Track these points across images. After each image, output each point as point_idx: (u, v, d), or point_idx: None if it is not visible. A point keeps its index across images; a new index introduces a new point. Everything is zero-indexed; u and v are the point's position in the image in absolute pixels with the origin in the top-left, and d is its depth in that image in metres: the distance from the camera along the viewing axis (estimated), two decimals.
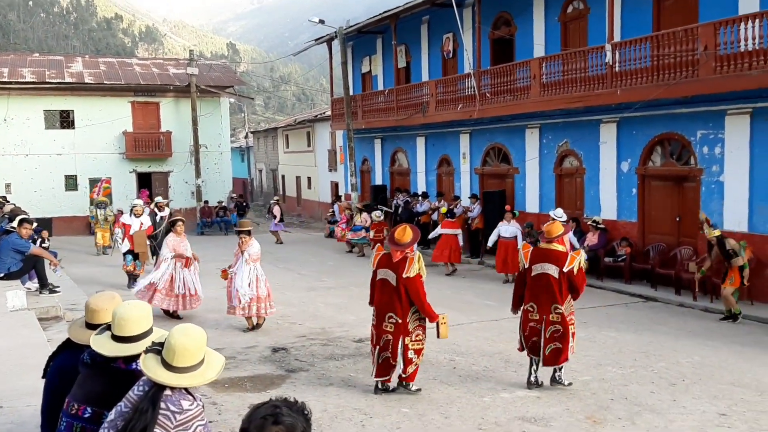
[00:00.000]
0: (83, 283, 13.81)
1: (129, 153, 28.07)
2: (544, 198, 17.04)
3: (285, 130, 37.68)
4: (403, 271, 6.78)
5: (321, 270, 16.84)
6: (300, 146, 35.17)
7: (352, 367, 8.15)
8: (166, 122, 28.91)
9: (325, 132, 30.93)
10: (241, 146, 50.38)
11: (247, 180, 48.06)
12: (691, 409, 6.66)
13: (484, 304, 12.35)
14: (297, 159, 35.50)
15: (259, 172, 45.43)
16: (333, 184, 30.48)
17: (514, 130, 17.88)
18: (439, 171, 21.47)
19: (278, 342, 9.34)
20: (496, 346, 9.12)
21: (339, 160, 29.19)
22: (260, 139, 44.46)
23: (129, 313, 3.40)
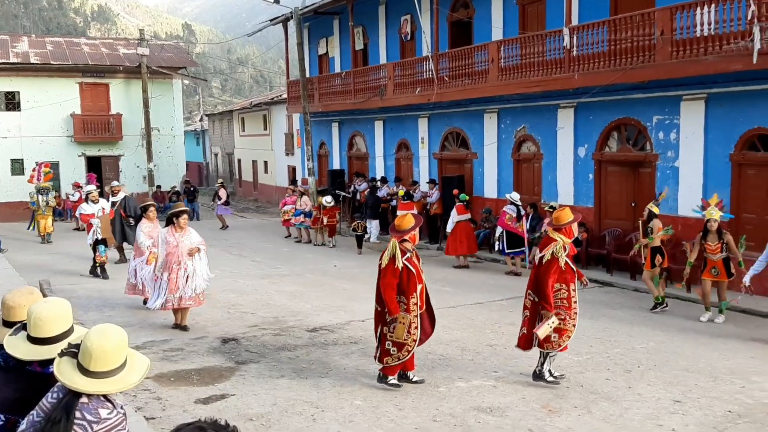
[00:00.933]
0: (29, 272, 13.23)
1: (77, 136, 27.24)
2: (503, 183, 17.02)
3: (241, 113, 37.04)
4: (381, 259, 6.71)
5: (275, 257, 16.55)
6: (256, 130, 34.62)
7: (304, 357, 7.95)
8: (116, 104, 28.12)
9: (282, 115, 30.46)
10: (196, 129, 49.45)
11: (203, 164, 47.24)
12: (646, 396, 6.63)
13: (440, 290, 12.25)
14: (253, 143, 34.95)
15: (214, 156, 44.68)
16: (290, 168, 30.10)
17: (472, 114, 17.78)
18: (397, 155, 21.31)
19: (228, 332, 9.07)
20: (453, 333, 9.03)
21: (296, 144, 28.81)
22: (216, 122, 43.67)
23: (46, 312, 3.10)
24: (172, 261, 9.00)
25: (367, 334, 8.95)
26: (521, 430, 5.80)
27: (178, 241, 9.09)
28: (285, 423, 5.94)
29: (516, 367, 7.56)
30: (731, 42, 10.73)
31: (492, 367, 7.53)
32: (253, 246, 18.55)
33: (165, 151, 29.25)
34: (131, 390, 2.96)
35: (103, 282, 12.82)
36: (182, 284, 8.97)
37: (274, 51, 66.26)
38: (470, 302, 11.07)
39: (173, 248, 9.00)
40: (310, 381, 7.11)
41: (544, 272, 6.71)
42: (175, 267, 8.98)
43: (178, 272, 9.01)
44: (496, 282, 13.08)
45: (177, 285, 8.96)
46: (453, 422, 5.98)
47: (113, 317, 9.57)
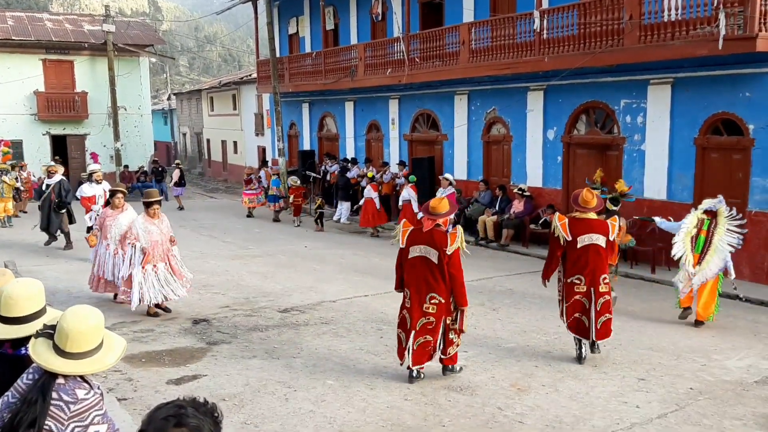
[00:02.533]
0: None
1: (41, 114, 26.55)
2: (472, 165, 17.11)
3: (210, 92, 36.51)
4: (446, 245, 6.25)
5: (246, 238, 16.47)
6: (226, 109, 34.19)
7: (276, 338, 7.97)
8: (82, 82, 27.44)
9: (252, 95, 30.11)
10: (163, 108, 48.64)
11: (171, 144, 46.55)
12: (611, 375, 6.79)
13: None
14: (223, 122, 34.53)
15: (183, 136, 44.04)
16: (260, 148, 29.83)
17: (443, 96, 17.80)
18: (368, 137, 21.27)
19: (200, 313, 9.03)
20: None
21: (266, 125, 28.54)
22: (184, 101, 43.00)
23: (17, 291, 3.07)
24: (156, 252, 8.59)
25: (338, 314, 9.00)
26: (491, 408, 5.91)
27: (160, 228, 8.68)
28: (257, 403, 5.95)
29: (485, 346, 7.66)
30: (697, 27, 10.89)
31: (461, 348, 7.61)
32: (224, 226, 18.42)
33: (132, 130, 28.73)
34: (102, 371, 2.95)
35: (69, 263, 12.59)
36: (166, 280, 8.59)
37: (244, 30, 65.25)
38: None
39: (157, 237, 8.60)
40: (282, 361, 7.13)
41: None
42: (159, 259, 8.57)
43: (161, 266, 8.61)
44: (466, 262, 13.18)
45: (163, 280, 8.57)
46: (424, 401, 6.06)
47: (81, 298, 9.44)
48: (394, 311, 9.10)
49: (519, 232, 14.76)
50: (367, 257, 13.83)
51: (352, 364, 7.05)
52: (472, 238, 15.59)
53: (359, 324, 8.57)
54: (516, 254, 14.00)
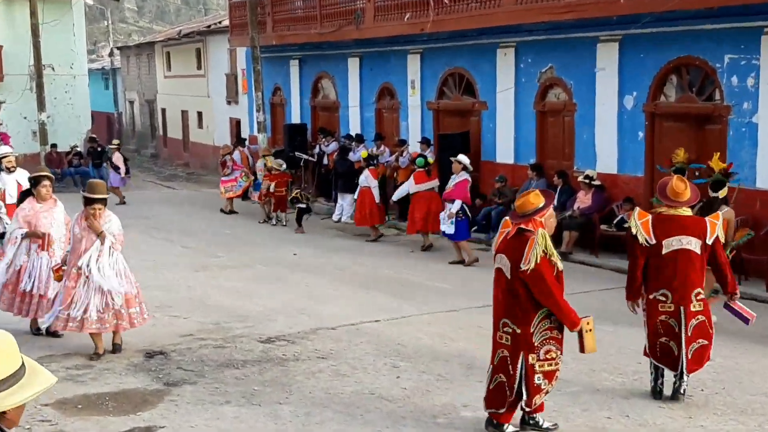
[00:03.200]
0: None
1: None
2: (521, 144, 17.07)
3: (165, 45, 36.71)
4: (521, 257, 6.10)
5: (214, 241, 16.52)
6: (187, 69, 34.35)
7: (256, 378, 7.98)
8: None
9: (223, 50, 30.20)
10: (104, 68, 49.05)
11: (113, 115, 46.89)
12: (711, 430, 6.76)
13: (437, 287, 12.34)
14: (183, 86, 34.71)
15: (130, 105, 44.37)
16: (233, 121, 29.94)
17: (481, 49, 17.76)
18: (378, 105, 21.26)
19: (154, 343, 9.07)
20: (454, 345, 9.09)
21: (241, 89, 28.64)
22: (131, 58, 43.30)
23: None
24: (72, 261, 8.61)
25: (339, 346, 9.01)
26: None
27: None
28: None
29: None
30: None
31: None
32: (184, 227, 18.49)
33: (63, 96, 29.00)
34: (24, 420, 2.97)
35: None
36: (83, 297, 8.49)
37: None
38: (477, 304, 11.10)
39: (77, 242, 8.60)
40: (265, 409, 7.14)
41: None
42: (74, 271, 8.56)
43: (78, 279, 8.55)
44: None
45: (74, 298, 8.51)
46: None
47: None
48: (414, 342, 9.14)
49: (585, 234, 14.70)
50: (375, 268, 13.82)
51: (359, 413, 7.04)
52: None
53: (368, 359, 8.55)
54: (581, 265, 13.95)
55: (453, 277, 13.07)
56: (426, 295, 11.81)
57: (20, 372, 2.85)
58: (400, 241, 16.50)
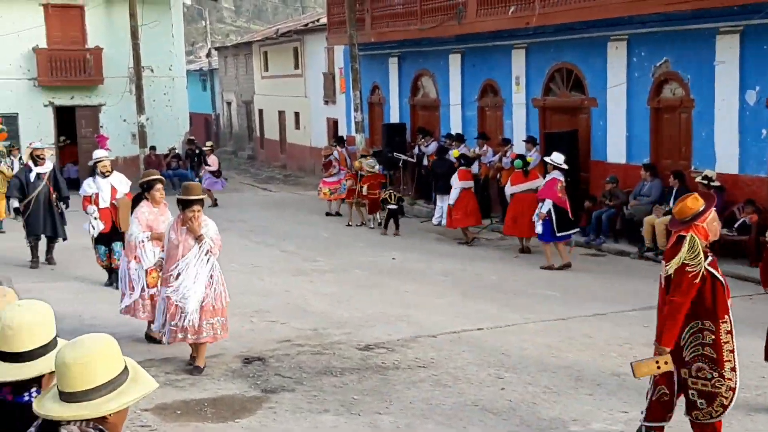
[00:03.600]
0: None
1: (43, 78, 27.91)
2: (634, 142, 16.77)
3: (263, 45, 37.34)
4: (668, 262, 5.91)
5: (312, 246, 16.74)
6: (284, 68, 34.88)
7: (355, 386, 8.06)
8: (95, 35, 28.60)
9: (320, 48, 30.57)
10: (201, 69, 50.07)
11: (211, 116, 47.90)
12: None
13: (544, 295, 12.22)
14: (280, 87, 35.25)
15: (227, 106, 45.25)
16: (330, 122, 30.25)
17: (590, 43, 17.54)
18: (480, 103, 21.20)
19: (252, 349, 9.25)
20: (563, 357, 9.00)
21: (339, 89, 28.91)
22: (228, 58, 44.18)
23: (20, 319, 3.24)
24: (169, 268, 8.60)
25: (440, 355, 9.02)
26: None
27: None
28: None
29: None
30: None
31: (619, 406, 7.48)
32: (282, 230, 18.78)
33: (161, 99, 29.68)
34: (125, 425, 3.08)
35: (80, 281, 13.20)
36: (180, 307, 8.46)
37: None
38: (587, 313, 10.99)
39: (174, 248, 8.58)
40: (365, 418, 7.20)
41: None
42: (172, 279, 8.53)
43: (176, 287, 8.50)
44: (624, 285, 12.94)
45: (175, 309, 8.46)
46: None
47: (96, 326, 9.86)
48: (519, 352, 9.07)
49: None
50: (478, 274, 13.77)
51: (462, 425, 7.03)
52: (633, 247, 15.28)
53: (471, 369, 8.53)
54: None
55: (560, 284, 12.92)
56: (531, 302, 11.70)
57: (121, 377, 2.95)
58: (504, 246, 16.38)
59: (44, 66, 27.83)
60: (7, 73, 27.73)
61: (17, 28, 27.38)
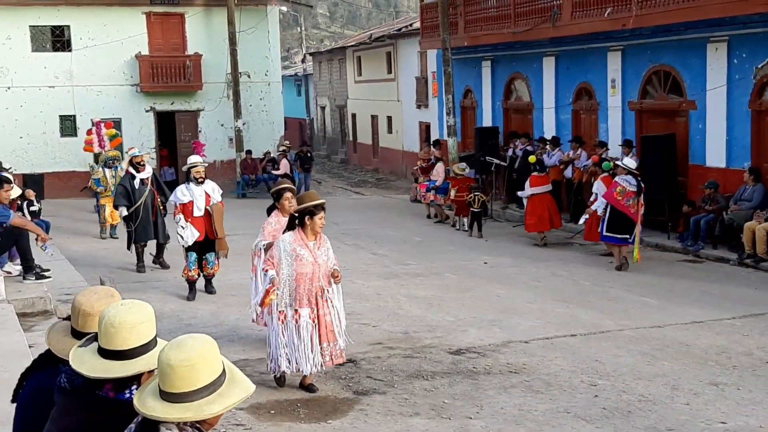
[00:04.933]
0: (84, 265, 14.25)
1: (145, 84, 28.74)
2: (734, 145, 16.35)
3: (356, 50, 37.68)
4: None
5: (404, 249, 16.80)
6: (377, 73, 35.13)
7: (446, 390, 8.07)
8: (195, 41, 29.34)
9: (413, 52, 30.70)
10: (296, 74, 50.82)
11: (305, 121, 48.55)
12: None
13: (641, 301, 12.01)
14: (373, 91, 35.53)
15: (321, 110, 45.80)
16: (422, 126, 30.30)
17: (689, 45, 17.19)
18: (575, 106, 21.00)
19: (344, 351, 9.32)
20: (659, 365, 8.84)
21: (431, 92, 28.97)
22: (323, 63, 44.72)
23: (122, 317, 3.34)
24: (302, 291, 7.85)
25: (532, 361, 8.95)
26: None
27: (314, 255, 7.87)
28: None
29: (752, 416, 7.27)
30: None
31: (718, 416, 7.29)
32: (374, 233, 18.91)
33: (257, 104, 30.23)
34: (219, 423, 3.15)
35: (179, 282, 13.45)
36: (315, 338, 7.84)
37: None
38: (684, 320, 10.75)
39: (308, 266, 7.82)
40: (455, 423, 7.20)
41: None
42: (306, 303, 7.84)
43: (316, 314, 7.87)
44: (723, 292, 12.60)
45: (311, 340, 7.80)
46: None
47: (195, 327, 10.12)
48: (613, 359, 8.94)
49: None
50: (574, 280, 13.61)
51: (555, 430, 6.97)
52: (732, 254, 14.88)
53: (563, 376, 8.46)
54: None
55: (656, 290, 12.66)
56: (626, 308, 11.52)
57: (221, 379, 3.01)
58: (598, 250, 16.12)
59: (146, 72, 28.68)
60: (111, 79, 28.73)
61: (121, 36, 28.41)
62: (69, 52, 28.39)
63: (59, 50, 28.48)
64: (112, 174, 18.06)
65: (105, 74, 28.58)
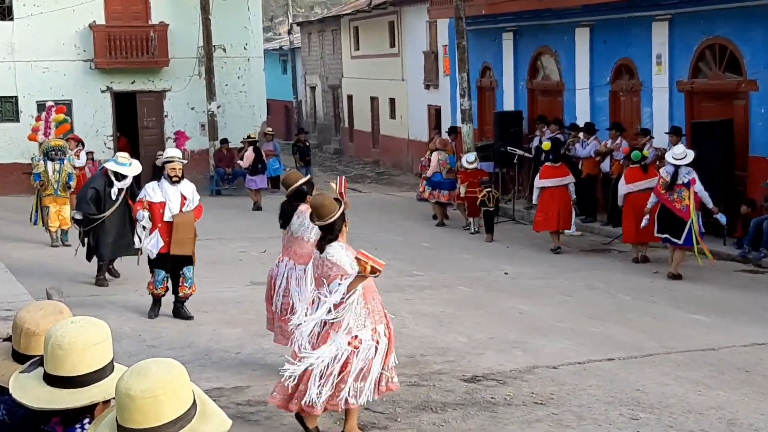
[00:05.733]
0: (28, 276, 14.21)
1: (100, 60, 28.58)
2: None
3: (353, 19, 37.60)
4: None
5: (410, 257, 16.78)
6: (378, 47, 35.07)
7: (459, 424, 8.05)
8: (160, 9, 29.13)
9: (420, 23, 30.66)
10: (282, 47, 50.66)
11: (292, 104, 48.40)
12: None
13: (691, 319, 12.03)
14: (373, 68, 35.44)
15: (310, 91, 45.68)
16: (432, 110, 30.26)
17: (750, 14, 17.28)
18: (613, 87, 21.03)
19: None
20: (712, 395, 8.84)
21: (443, 70, 28.92)
22: (312, 35, 44.64)
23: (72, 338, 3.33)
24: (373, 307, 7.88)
25: (562, 390, 8.93)
26: None
27: None
28: None
29: None
30: None
31: None
32: (373, 238, 18.81)
33: (234, 83, 30.06)
34: None
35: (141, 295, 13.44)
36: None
37: None
38: (743, 341, 10.75)
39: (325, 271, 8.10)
40: None
41: None
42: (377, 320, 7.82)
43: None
44: None
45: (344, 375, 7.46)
46: None
47: (159, 349, 10.11)
48: (658, 388, 8.93)
49: None
50: (612, 293, 13.61)
51: None
52: None
53: (598, 408, 8.44)
54: None
55: (710, 306, 12.65)
56: (674, 328, 11.51)
57: (190, 413, 2.98)
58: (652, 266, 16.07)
59: (102, 46, 28.40)
60: (60, 53, 28.43)
61: (72, 2, 27.90)
62: (10, 21, 28.14)
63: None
64: (55, 168, 17.57)
65: (53, 48, 28.29)
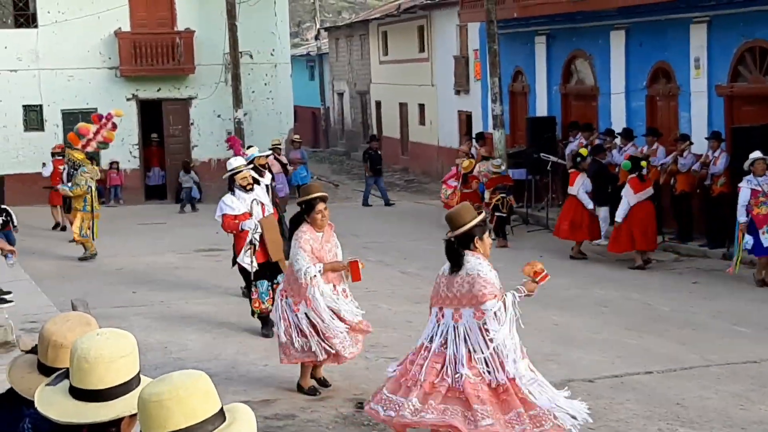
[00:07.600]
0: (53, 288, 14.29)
1: (125, 68, 28.73)
2: None
3: (382, 24, 37.63)
4: None
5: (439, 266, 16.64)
6: (407, 52, 35.06)
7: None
8: (185, 16, 29.26)
9: (451, 27, 30.65)
10: (309, 53, 50.72)
11: (319, 111, 48.43)
12: None
13: (732, 330, 11.94)
14: (402, 74, 35.45)
15: (338, 98, 45.70)
16: (462, 116, 30.22)
17: None
18: (650, 91, 20.93)
19: (366, 392, 9.23)
20: (755, 410, 8.79)
21: (473, 75, 28.89)
22: (340, 40, 44.70)
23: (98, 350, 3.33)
24: None
25: (599, 404, 8.86)
26: None
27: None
28: None
29: None
30: None
31: None
32: (402, 248, 18.85)
33: (261, 90, 30.09)
34: None
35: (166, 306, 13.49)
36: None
37: None
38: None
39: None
40: None
41: None
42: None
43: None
44: None
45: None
46: None
47: (186, 362, 10.12)
48: (699, 402, 8.87)
49: None
50: (649, 304, 13.53)
51: None
52: None
53: (637, 422, 8.41)
54: None
55: (752, 317, 12.53)
56: (715, 339, 11.44)
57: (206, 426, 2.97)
58: (679, 269, 16.02)
59: (127, 53, 28.56)
60: (85, 61, 28.63)
61: (97, 9, 28.13)
62: (35, 28, 28.38)
63: (23, 26, 28.50)
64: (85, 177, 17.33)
65: (77, 55, 28.49)
